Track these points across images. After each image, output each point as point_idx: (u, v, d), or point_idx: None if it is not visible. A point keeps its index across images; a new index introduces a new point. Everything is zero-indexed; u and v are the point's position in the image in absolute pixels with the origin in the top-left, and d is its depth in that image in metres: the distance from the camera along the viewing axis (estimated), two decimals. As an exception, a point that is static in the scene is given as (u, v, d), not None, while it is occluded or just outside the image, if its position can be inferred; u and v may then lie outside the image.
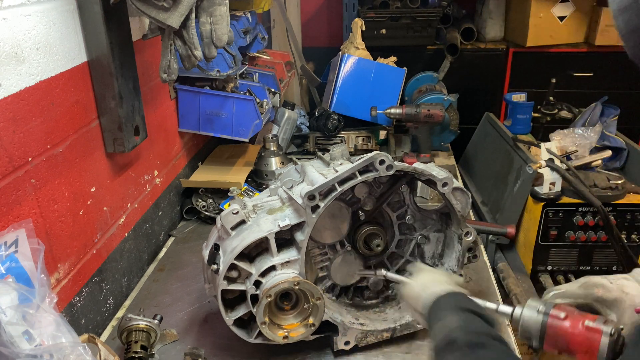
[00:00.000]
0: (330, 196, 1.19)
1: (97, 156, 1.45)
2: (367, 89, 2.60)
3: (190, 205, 2.03)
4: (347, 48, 2.86)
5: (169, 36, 1.33)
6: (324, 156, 1.41)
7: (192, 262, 1.77)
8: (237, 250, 1.18)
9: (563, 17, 3.29)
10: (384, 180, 1.36)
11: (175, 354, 1.35)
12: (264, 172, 2.22)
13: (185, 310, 1.53)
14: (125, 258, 1.62)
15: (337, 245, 1.36)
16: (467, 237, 1.34)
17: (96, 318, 1.44)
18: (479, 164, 2.93)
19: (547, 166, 2.11)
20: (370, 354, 1.35)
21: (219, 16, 1.32)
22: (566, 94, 3.15)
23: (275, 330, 1.23)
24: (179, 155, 2.07)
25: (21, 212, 1.13)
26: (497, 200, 2.46)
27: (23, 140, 1.13)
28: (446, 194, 1.29)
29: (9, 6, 1.08)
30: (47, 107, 1.21)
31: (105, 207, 1.49)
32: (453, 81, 3.12)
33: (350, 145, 2.59)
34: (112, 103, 1.41)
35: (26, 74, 1.14)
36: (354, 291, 1.44)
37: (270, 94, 2.32)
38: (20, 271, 1.01)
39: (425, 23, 3.23)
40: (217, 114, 2.00)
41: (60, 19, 1.26)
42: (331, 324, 1.29)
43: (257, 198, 1.37)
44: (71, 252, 1.32)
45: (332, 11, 3.84)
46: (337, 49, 2.97)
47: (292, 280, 1.18)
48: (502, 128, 2.76)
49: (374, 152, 1.20)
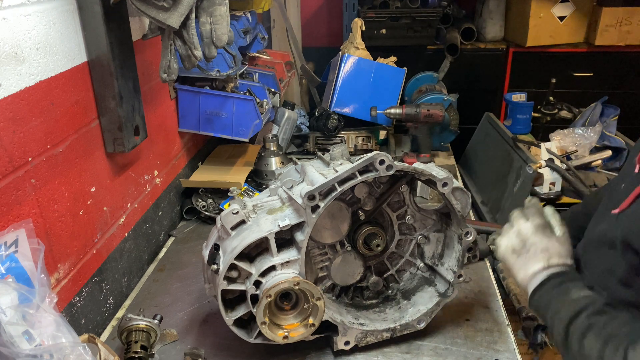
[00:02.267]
0: (330, 196, 1.19)
1: (97, 156, 1.45)
2: (367, 89, 2.60)
3: (190, 205, 2.03)
4: (347, 48, 2.86)
5: (169, 36, 1.33)
6: (324, 156, 1.41)
7: (192, 262, 1.77)
8: (237, 250, 1.18)
9: (563, 17, 3.29)
10: (384, 180, 1.36)
11: (175, 354, 1.35)
12: (264, 172, 2.22)
13: (185, 310, 1.53)
14: (125, 258, 1.62)
15: (337, 245, 1.36)
16: (467, 237, 1.34)
17: (96, 318, 1.44)
18: (479, 164, 2.93)
19: (547, 166, 2.11)
20: (370, 354, 1.35)
21: (219, 16, 1.32)
22: (566, 94, 3.16)
23: (275, 330, 1.23)
24: (179, 155, 2.07)
25: (21, 212, 1.13)
26: (497, 200, 2.46)
27: (23, 140, 1.13)
28: (446, 194, 1.29)
29: (9, 6, 1.08)
30: (47, 107, 1.21)
31: (105, 207, 1.49)
32: (453, 81, 3.13)
33: (350, 145, 2.59)
34: (112, 103, 1.41)
35: (26, 74, 1.14)
36: (354, 291, 1.44)
37: (270, 94, 2.32)
38: (20, 271, 1.01)
39: (425, 23, 3.24)
40: (217, 114, 2.00)
41: (60, 19, 1.26)
42: (331, 324, 1.29)
43: (257, 198, 1.37)
44: (71, 252, 1.32)
45: (332, 11, 3.85)
46: (337, 49, 2.97)
47: (292, 280, 1.18)
48: (502, 128, 2.76)
49: (374, 152, 1.20)
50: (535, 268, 1.10)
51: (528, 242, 1.13)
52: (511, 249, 1.15)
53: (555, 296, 1.04)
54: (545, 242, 1.12)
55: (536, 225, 1.15)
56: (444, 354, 1.33)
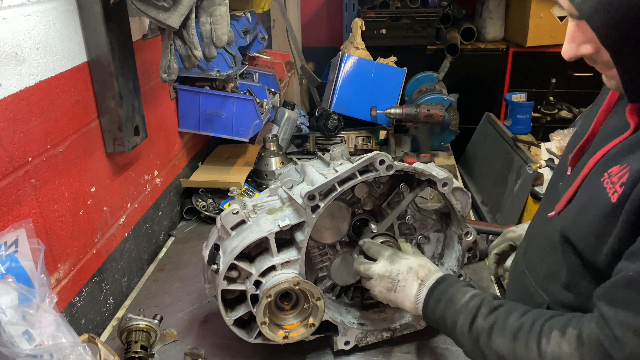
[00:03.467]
0: (330, 196, 1.19)
1: (97, 156, 1.45)
2: (367, 89, 2.60)
3: (190, 205, 2.03)
4: (347, 48, 2.86)
5: (169, 36, 1.33)
6: (324, 156, 1.41)
7: (192, 262, 1.77)
8: (237, 250, 1.18)
9: (563, 17, 3.28)
10: (384, 180, 1.36)
11: (175, 354, 1.35)
12: (264, 172, 2.22)
13: (185, 310, 1.53)
14: (125, 258, 1.62)
15: (337, 245, 1.36)
16: (467, 237, 1.35)
17: (96, 318, 1.44)
18: (479, 164, 2.93)
19: (547, 166, 2.11)
20: (370, 354, 1.35)
21: (219, 16, 1.32)
22: (566, 94, 3.16)
23: (275, 330, 1.23)
24: (179, 155, 2.07)
25: (21, 212, 1.13)
26: (497, 200, 2.46)
27: (23, 140, 1.13)
28: (446, 194, 1.29)
29: (9, 6, 1.08)
30: (47, 107, 1.21)
31: (105, 207, 1.49)
32: (453, 81, 3.12)
33: (350, 145, 2.59)
34: (112, 103, 1.41)
35: (26, 74, 1.14)
36: (354, 291, 1.44)
37: (270, 94, 2.32)
38: (20, 271, 1.01)
39: (425, 23, 3.23)
40: (217, 114, 2.00)
41: (60, 18, 1.26)
42: (331, 324, 1.29)
43: (257, 198, 1.37)
44: (71, 252, 1.32)
45: (332, 11, 3.84)
46: (337, 49, 2.97)
47: (292, 280, 1.18)
48: (502, 128, 2.76)
49: (374, 152, 1.20)
50: (413, 290, 1.12)
51: (392, 275, 1.14)
52: (386, 291, 1.16)
53: (444, 309, 1.05)
54: (404, 264, 1.15)
55: (387, 257, 1.17)
56: (444, 354, 1.33)
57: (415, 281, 1.12)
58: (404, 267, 1.14)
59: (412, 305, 1.12)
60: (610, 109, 1.00)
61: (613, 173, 0.86)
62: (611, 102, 1.00)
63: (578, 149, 1.03)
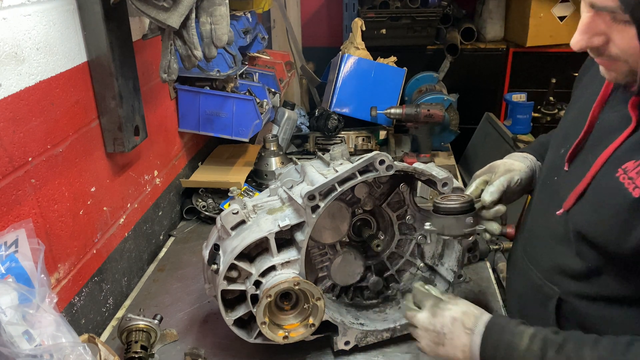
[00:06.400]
0: (330, 196, 1.19)
1: (97, 156, 1.45)
2: (367, 89, 2.60)
3: (190, 205, 2.03)
4: (347, 48, 2.86)
5: (169, 36, 1.33)
6: (324, 156, 1.41)
7: (192, 262, 1.77)
8: (237, 250, 1.18)
9: (563, 17, 3.28)
10: (384, 180, 1.36)
11: (175, 354, 1.35)
12: (264, 172, 2.22)
13: (185, 310, 1.53)
14: (125, 258, 1.62)
15: (337, 245, 1.36)
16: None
17: (96, 318, 1.44)
18: (479, 164, 2.92)
19: (547, 166, 2.11)
20: (370, 354, 1.35)
21: (219, 16, 1.32)
22: (566, 94, 3.15)
23: (275, 330, 1.23)
24: (179, 155, 2.07)
25: (21, 212, 1.13)
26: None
27: (23, 140, 1.13)
28: (446, 194, 1.29)
29: (9, 6, 1.08)
30: (47, 107, 1.21)
31: (105, 207, 1.49)
32: (453, 81, 3.12)
33: (350, 145, 2.59)
34: (112, 103, 1.41)
35: (26, 74, 1.14)
36: (354, 291, 1.44)
37: (270, 94, 2.32)
38: (20, 271, 1.01)
39: (425, 23, 3.23)
40: (217, 114, 2.00)
41: (60, 19, 1.26)
42: (331, 324, 1.29)
43: (257, 198, 1.37)
44: (71, 252, 1.32)
45: (332, 11, 3.84)
46: (337, 49, 2.97)
47: (292, 280, 1.18)
48: (502, 128, 2.76)
49: (374, 152, 1.20)
50: (464, 341, 1.04)
51: (437, 329, 1.07)
52: (434, 345, 1.09)
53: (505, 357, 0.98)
54: (447, 315, 1.07)
55: (429, 309, 1.11)
56: (444, 354, 1.33)
57: (463, 332, 1.04)
58: (447, 320, 1.06)
59: (465, 356, 1.04)
60: (604, 103, 1.00)
61: (629, 168, 0.87)
62: (604, 96, 1.00)
63: (576, 145, 1.02)
